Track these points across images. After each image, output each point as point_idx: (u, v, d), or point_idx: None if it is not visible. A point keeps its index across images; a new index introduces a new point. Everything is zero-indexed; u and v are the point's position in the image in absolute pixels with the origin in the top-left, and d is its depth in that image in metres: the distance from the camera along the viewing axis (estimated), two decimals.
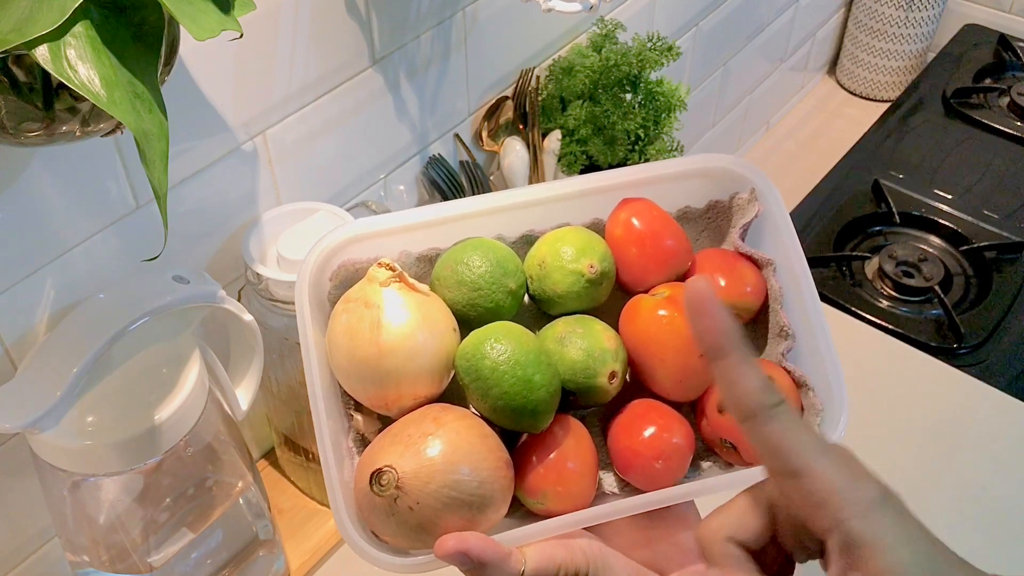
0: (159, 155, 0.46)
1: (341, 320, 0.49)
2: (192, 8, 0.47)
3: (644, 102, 0.95)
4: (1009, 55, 1.56)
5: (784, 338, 0.53)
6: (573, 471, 0.49)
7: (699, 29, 1.21)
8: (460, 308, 0.51)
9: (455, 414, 0.48)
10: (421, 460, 0.45)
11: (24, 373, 0.60)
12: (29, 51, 0.42)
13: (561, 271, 0.51)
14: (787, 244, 0.53)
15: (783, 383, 0.51)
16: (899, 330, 1.13)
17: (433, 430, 0.46)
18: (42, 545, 0.74)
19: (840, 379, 0.50)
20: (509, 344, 0.48)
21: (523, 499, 0.49)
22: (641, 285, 0.54)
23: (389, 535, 0.46)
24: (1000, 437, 0.99)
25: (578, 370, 0.50)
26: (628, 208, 0.54)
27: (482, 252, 0.51)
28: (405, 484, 0.45)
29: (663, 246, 0.53)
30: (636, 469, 0.50)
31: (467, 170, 0.92)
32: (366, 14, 0.75)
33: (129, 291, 0.62)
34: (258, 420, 0.89)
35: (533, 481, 0.48)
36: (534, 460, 0.49)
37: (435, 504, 0.45)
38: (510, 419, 0.48)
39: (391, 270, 0.50)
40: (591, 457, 0.50)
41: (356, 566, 0.86)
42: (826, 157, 1.44)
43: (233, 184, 0.73)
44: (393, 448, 0.46)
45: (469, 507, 0.45)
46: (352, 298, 0.50)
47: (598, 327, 0.51)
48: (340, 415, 0.51)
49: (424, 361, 0.48)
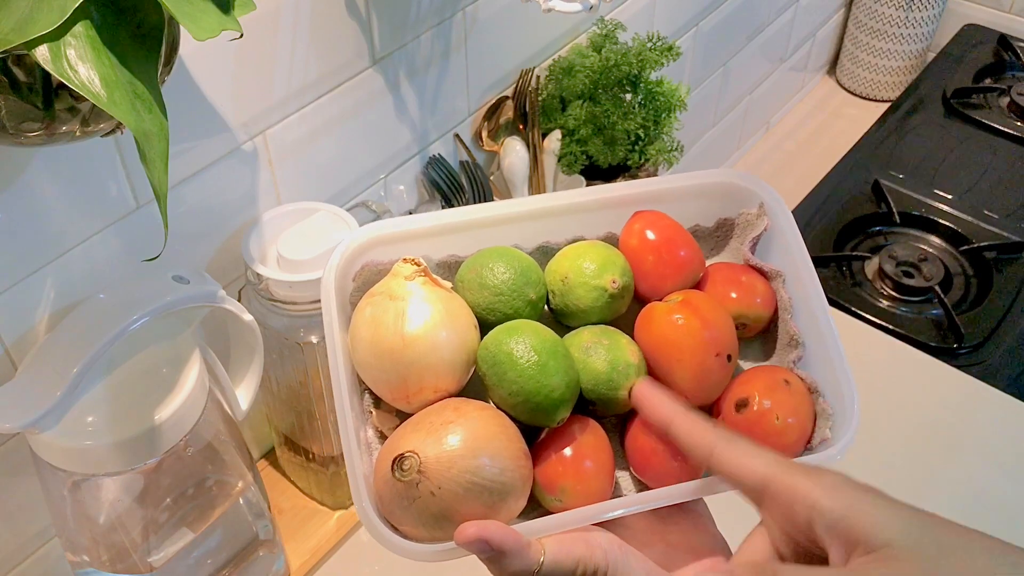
0: (159, 155, 0.46)
1: (365, 313, 0.50)
2: (192, 8, 0.47)
3: (644, 102, 0.95)
4: (1009, 55, 1.56)
5: (794, 347, 0.54)
6: (591, 469, 0.49)
7: (699, 29, 1.21)
8: (480, 312, 0.52)
9: (475, 405, 0.48)
10: (443, 446, 0.45)
11: (24, 373, 0.60)
12: (29, 51, 0.42)
13: (584, 287, 0.53)
14: (796, 256, 0.55)
15: (797, 387, 0.52)
16: (899, 330, 1.13)
17: (454, 418, 0.47)
18: (42, 545, 0.74)
19: (851, 385, 0.51)
20: (529, 336, 0.49)
21: (541, 496, 0.49)
22: (656, 294, 0.55)
23: (409, 524, 0.46)
24: (1000, 437, 0.99)
25: (601, 381, 0.51)
26: (642, 220, 0.56)
27: (507, 260, 0.53)
28: (427, 469, 0.45)
29: (677, 256, 0.55)
30: (653, 468, 0.51)
31: (467, 170, 0.92)
32: (366, 14, 0.75)
33: (129, 291, 0.62)
34: (258, 420, 0.89)
35: (552, 478, 0.49)
36: (553, 457, 0.49)
37: (456, 490, 0.45)
38: (527, 410, 0.48)
39: (416, 265, 0.51)
40: (609, 457, 0.51)
41: (356, 566, 0.86)
42: (826, 157, 1.44)
43: (233, 184, 0.73)
44: (415, 435, 0.46)
45: (490, 494, 0.45)
46: (377, 292, 0.51)
47: (623, 340, 0.52)
48: (361, 410, 0.51)
49: (446, 354, 0.49)
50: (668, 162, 0.96)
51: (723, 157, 1.48)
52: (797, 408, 0.51)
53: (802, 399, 0.52)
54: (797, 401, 0.51)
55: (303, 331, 0.73)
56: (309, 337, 0.73)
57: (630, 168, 0.97)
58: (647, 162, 0.96)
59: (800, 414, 0.51)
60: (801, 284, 0.54)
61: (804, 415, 0.51)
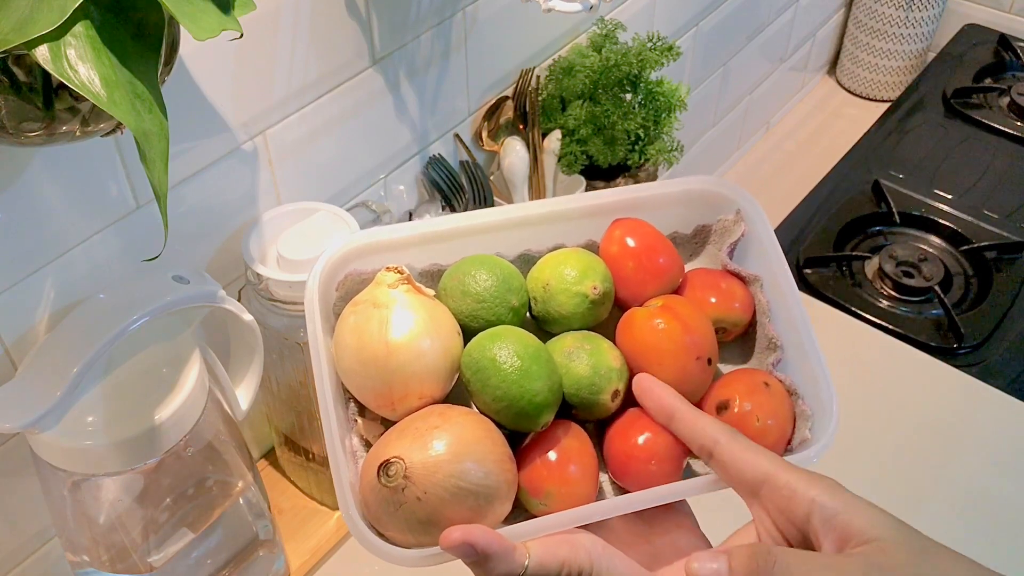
0: (159, 155, 0.46)
1: (349, 322, 0.50)
2: (192, 8, 0.47)
3: (644, 102, 0.95)
4: (1009, 55, 1.56)
5: (773, 350, 0.55)
6: (575, 473, 0.50)
7: (699, 29, 1.21)
8: (463, 319, 0.52)
9: (460, 411, 0.49)
10: (428, 451, 0.45)
11: (24, 373, 0.60)
12: (29, 51, 0.42)
13: (565, 293, 0.53)
14: (772, 260, 0.56)
15: (777, 389, 0.53)
16: (899, 330, 1.13)
17: (440, 424, 0.47)
18: (42, 545, 0.74)
19: (829, 386, 0.52)
20: (512, 342, 0.49)
21: (526, 500, 0.50)
22: (636, 300, 0.55)
23: (396, 530, 0.46)
24: (1000, 437, 0.99)
25: (583, 386, 0.51)
26: (622, 227, 0.56)
27: (488, 267, 0.53)
28: (413, 474, 0.45)
29: (657, 262, 0.56)
30: (631, 473, 0.51)
31: (467, 170, 0.92)
32: (366, 14, 0.75)
33: (129, 291, 0.62)
34: (258, 420, 0.89)
35: (537, 482, 0.49)
36: (537, 461, 0.49)
37: (442, 494, 0.45)
38: (511, 415, 0.49)
39: (399, 273, 0.51)
40: (592, 461, 0.51)
41: (356, 566, 0.86)
42: (826, 157, 1.44)
43: (233, 184, 0.73)
44: (400, 441, 0.47)
45: (476, 498, 0.46)
46: (361, 300, 0.51)
47: (605, 345, 0.53)
48: (345, 419, 0.52)
49: (431, 360, 0.49)
50: (668, 162, 0.96)
51: (723, 157, 1.48)
52: (777, 410, 0.52)
53: (782, 401, 0.53)
54: (777, 403, 0.52)
55: (303, 331, 0.73)
56: None
57: (630, 168, 0.97)
58: (647, 162, 0.96)
59: (780, 416, 0.52)
60: (779, 288, 0.55)
61: (784, 417, 0.52)
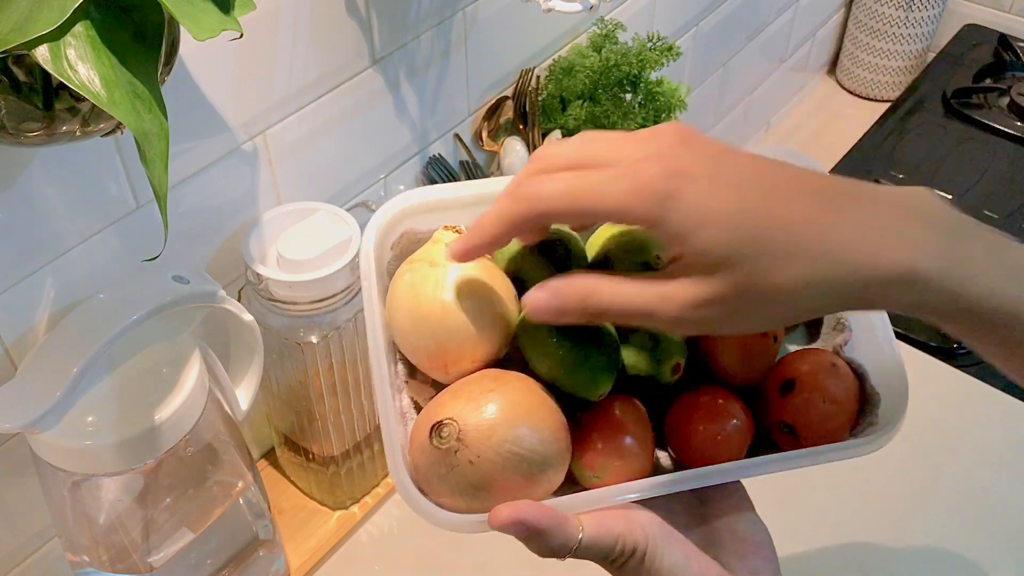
0: (159, 155, 0.46)
1: (404, 279, 0.49)
2: (192, 8, 0.47)
3: (644, 102, 0.95)
4: (1009, 55, 1.56)
5: (841, 331, 0.54)
6: (631, 447, 0.48)
7: (699, 29, 1.21)
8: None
9: (515, 375, 0.47)
10: (483, 414, 0.44)
11: (24, 373, 0.60)
12: (29, 51, 0.42)
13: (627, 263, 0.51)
14: None
15: (844, 371, 0.52)
16: (899, 330, 1.13)
17: (494, 387, 0.46)
18: (42, 545, 0.74)
19: (900, 368, 0.50)
20: None
21: (579, 473, 0.48)
22: None
23: (446, 494, 0.45)
24: (1000, 437, 0.99)
25: (643, 357, 0.50)
26: None
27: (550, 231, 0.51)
28: (466, 437, 0.43)
29: None
30: (693, 449, 0.50)
31: (467, 170, 0.92)
32: (366, 14, 0.75)
33: (129, 291, 0.62)
34: (258, 420, 0.89)
35: (591, 454, 0.48)
36: (593, 434, 0.48)
37: (496, 459, 0.43)
38: (568, 383, 0.47)
39: (458, 232, 0.49)
40: (649, 435, 0.50)
41: (356, 566, 0.86)
42: (826, 157, 1.43)
43: (233, 184, 0.73)
44: (454, 402, 0.45)
45: (529, 465, 0.44)
46: (417, 259, 0.49)
47: None
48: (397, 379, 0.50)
49: (486, 322, 0.47)
50: None
51: None
52: (844, 392, 0.51)
53: (849, 383, 0.51)
54: (844, 385, 0.51)
55: (303, 331, 0.73)
56: (309, 337, 0.73)
57: None
58: None
59: (846, 398, 0.51)
60: None
61: (850, 399, 0.51)
